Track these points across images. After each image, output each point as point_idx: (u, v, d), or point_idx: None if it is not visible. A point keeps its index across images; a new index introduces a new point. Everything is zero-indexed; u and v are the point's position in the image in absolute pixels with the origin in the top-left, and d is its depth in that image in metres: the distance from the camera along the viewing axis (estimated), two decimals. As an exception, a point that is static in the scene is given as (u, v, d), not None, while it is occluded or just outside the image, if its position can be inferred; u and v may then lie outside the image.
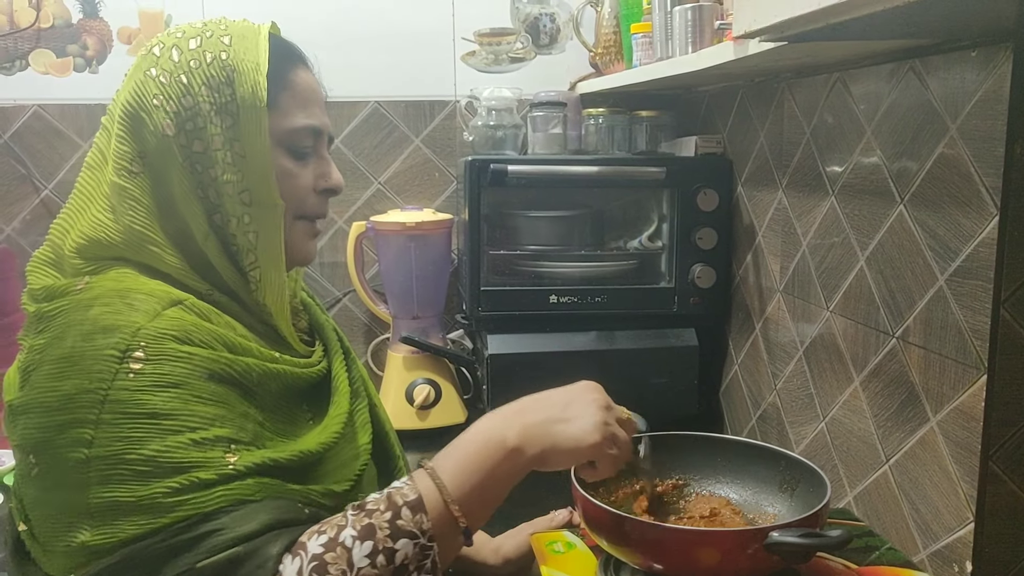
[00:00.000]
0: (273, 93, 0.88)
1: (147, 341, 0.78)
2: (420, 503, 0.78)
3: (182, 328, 0.81)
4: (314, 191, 0.94)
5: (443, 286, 1.86)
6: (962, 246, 0.98)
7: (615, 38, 1.75)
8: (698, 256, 1.62)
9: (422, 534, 0.77)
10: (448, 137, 1.95)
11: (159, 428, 0.76)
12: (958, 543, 1.00)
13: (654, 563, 0.90)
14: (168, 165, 0.86)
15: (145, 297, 0.82)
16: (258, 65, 0.87)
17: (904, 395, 1.10)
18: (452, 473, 0.81)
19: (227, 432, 0.79)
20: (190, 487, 0.75)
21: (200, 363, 0.80)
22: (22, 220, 1.86)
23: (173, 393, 0.77)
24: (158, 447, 0.75)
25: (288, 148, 0.91)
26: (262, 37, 0.90)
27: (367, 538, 0.75)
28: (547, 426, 0.84)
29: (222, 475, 0.76)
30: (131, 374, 0.76)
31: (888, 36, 0.97)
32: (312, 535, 0.75)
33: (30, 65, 1.84)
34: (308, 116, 0.92)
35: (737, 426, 1.65)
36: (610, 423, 0.87)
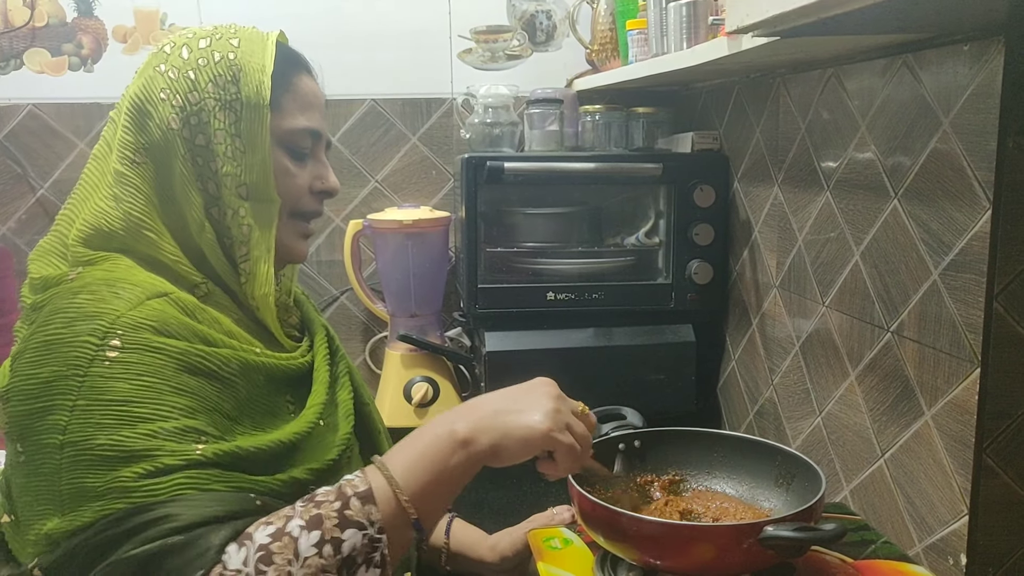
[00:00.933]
0: (276, 94, 0.93)
1: (125, 329, 0.80)
2: (370, 494, 0.78)
3: (161, 319, 0.82)
4: (310, 191, 0.98)
5: (440, 284, 1.86)
6: (955, 240, 0.98)
7: (611, 35, 1.75)
8: (695, 252, 1.62)
9: (371, 525, 0.76)
10: (445, 135, 1.95)
11: (130, 415, 0.77)
12: (952, 536, 1.01)
13: (650, 558, 0.90)
14: (171, 157, 0.90)
15: (131, 287, 0.84)
16: (264, 66, 0.92)
17: (899, 389, 1.10)
18: (403, 466, 0.81)
19: (197, 424, 0.80)
20: (150, 473, 0.76)
21: (176, 354, 0.81)
22: (18, 220, 1.86)
23: (146, 382, 0.79)
24: (126, 433, 0.76)
25: (287, 148, 0.95)
26: (270, 42, 0.95)
27: (314, 528, 0.75)
28: (497, 417, 0.84)
29: (187, 461, 0.77)
30: (107, 361, 0.78)
31: (880, 31, 0.97)
32: (259, 526, 0.76)
33: (25, 64, 1.83)
34: (308, 119, 0.96)
35: (735, 422, 1.65)
36: (562, 411, 0.86)
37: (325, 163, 1.00)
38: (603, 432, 1.10)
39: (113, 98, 0.95)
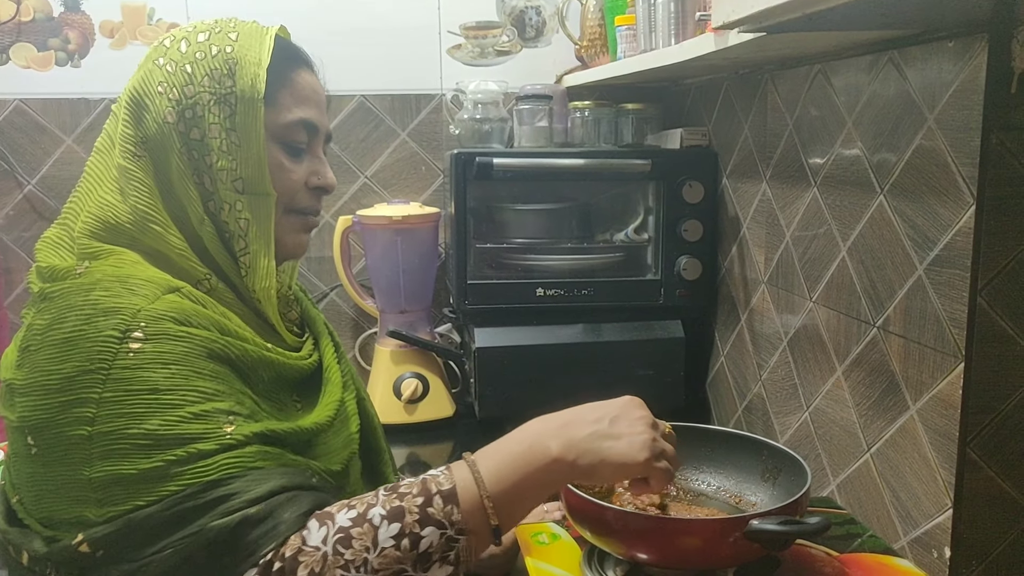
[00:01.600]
0: (273, 89, 0.92)
1: (147, 322, 0.80)
2: (453, 494, 0.78)
3: (181, 310, 0.83)
4: (306, 187, 0.97)
5: (430, 280, 1.86)
6: (940, 235, 0.99)
7: (600, 31, 1.75)
8: (684, 248, 1.63)
9: (450, 525, 0.77)
10: (434, 131, 1.95)
11: (159, 403, 0.78)
12: (937, 529, 1.01)
13: (636, 553, 0.91)
14: (168, 151, 0.90)
15: (144, 283, 0.85)
16: (260, 60, 0.91)
17: (885, 384, 1.11)
18: (492, 470, 0.81)
19: (226, 405, 0.81)
20: (190, 457, 0.77)
21: (199, 342, 0.82)
22: (5, 216, 1.85)
23: (173, 370, 0.79)
24: (159, 421, 0.77)
25: (283, 142, 0.94)
26: (268, 36, 0.94)
27: (395, 520, 0.76)
28: (594, 441, 0.83)
29: (222, 444, 0.78)
30: (131, 353, 0.78)
31: (865, 27, 0.97)
32: (342, 508, 0.77)
33: (11, 59, 1.83)
34: (304, 112, 0.95)
35: (723, 417, 1.66)
36: (658, 439, 0.86)
37: (322, 159, 0.99)
38: None
39: (100, 93, 0.95)
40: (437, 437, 1.72)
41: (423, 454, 1.64)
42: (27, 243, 1.85)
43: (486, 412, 1.61)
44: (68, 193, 0.95)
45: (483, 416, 1.62)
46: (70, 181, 1.82)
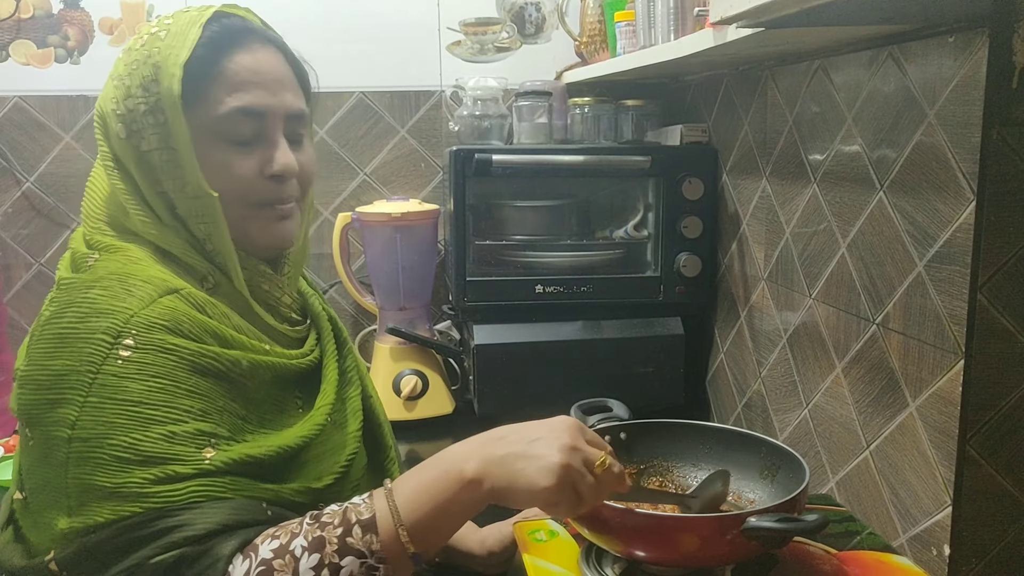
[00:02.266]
0: (199, 84, 0.88)
1: (138, 329, 0.80)
2: (372, 523, 0.79)
3: (174, 318, 0.83)
4: (261, 176, 0.92)
5: (430, 277, 1.86)
6: (940, 232, 0.98)
7: (600, 27, 1.75)
8: (683, 245, 1.62)
9: (370, 554, 0.78)
10: (434, 127, 1.95)
11: (141, 417, 0.78)
12: (936, 527, 1.01)
13: (634, 550, 0.91)
14: (130, 165, 0.90)
15: (142, 283, 0.85)
16: (178, 57, 0.87)
17: (884, 381, 1.10)
18: (408, 497, 0.80)
19: (208, 427, 0.81)
20: (164, 479, 0.77)
21: (187, 356, 0.82)
22: (3, 213, 1.84)
23: (158, 384, 0.79)
24: (138, 436, 0.77)
25: (222, 137, 0.90)
26: (196, 26, 0.89)
27: (316, 551, 0.76)
28: (507, 462, 0.81)
29: (198, 470, 0.78)
30: (119, 360, 0.79)
31: (864, 21, 0.97)
32: (266, 539, 0.77)
33: (10, 56, 1.82)
34: (240, 99, 0.89)
35: (723, 414, 1.65)
36: (573, 467, 0.81)
37: (276, 143, 0.92)
38: (589, 424, 1.11)
39: (99, 90, 0.94)
40: (436, 434, 1.72)
41: (423, 451, 1.64)
42: (25, 240, 1.85)
43: (485, 409, 1.61)
44: (66, 190, 0.96)
45: (482, 413, 1.62)
46: (68, 178, 1.83)
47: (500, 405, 1.61)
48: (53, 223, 1.86)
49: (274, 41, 0.95)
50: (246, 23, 0.93)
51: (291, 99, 0.94)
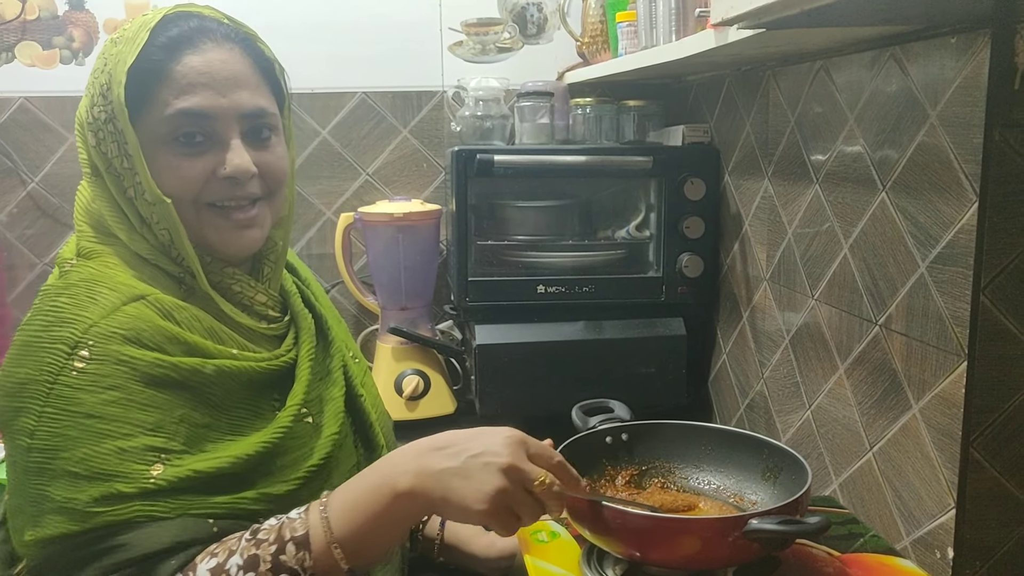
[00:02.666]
0: (147, 88, 0.88)
1: (95, 339, 0.81)
2: (306, 540, 0.79)
3: (134, 327, 0.83)
4: (216, 178, 0.91)
5: (431, 277, 1.86)
6: (942, 233, 0.98)
7: (601, 27, 1.75)
8: (685, 245, 1.62)
9: (303, 571, 0.78)
10: (436, 128, 1.95)
11: (92, 431, 0.79)
12: (940, 529, 1.01)
13: (635, 551, 0.90)
14: (101, 172, 0.92)
15: (108, 291, 0.85)
16: (124, 65, 0.87)
17: (887, 382, 1.10)
18: (340, 511, 0.80)
19: (159, 441, 0.81)
20: (109, 498, 0.78)
21: (142, 367, 0.82)
22: (8, 213, 1.85)
23: (111, 396, 0.80)
24: (88, 451, 0.78)
25: (170, 140, 0.89)
26: (144, 30, 0.89)
27: (250, 569, 0.77)
28: (444, 479, 0.79)
29: (141, 489, 0.79)
30: (74, 372, 0.80)
31: (866, 22, 0.97)
32: (206, 556, 0.78)
33: (16, 57, 1.83)
34: (184, 101, 0.88)
35: (725, 415, 1.65)
36: (510, 490, 0.78)
37: (229, 144, 0.91)
38: (591, 425, 1.10)
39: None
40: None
41: (424, 452, 1.63)
42: (30, 240, 1.86)
43: (487, 409, 1.61)
44: (71, 191, 0.97)
45: (484, 413, 1.61)
46: (73, 179, 1.83)
47: (502, 405, 1.61)
48: (58, 223, 1.86)
49: (234, 38, 0.93)
50: (202, 23, 0.92)
51: (246, 97, 0.92)
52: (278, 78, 0.98)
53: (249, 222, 0.94)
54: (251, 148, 0.93)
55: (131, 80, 0.87)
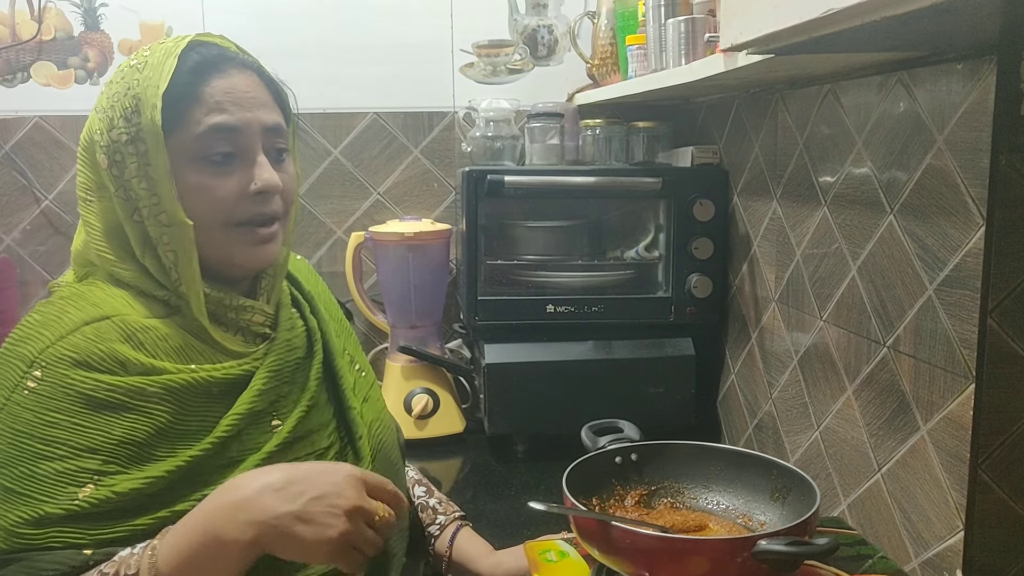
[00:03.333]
0: (181, 110, 0.91)
1: (48, 361, 0.85)
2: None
3: (85, 350, 0.86)
4: (245, 196, 0.94)
5: (441, 296, 1.87)
6: (950, 256, 0.99)
7: (611, 50, 1.76)
8: (694, 266, 1.63)
9: None
10: (447, 148, 1.96)
11: (31, 450, 0.83)
12: (948, 551, 1.01)
13: (644, 572, 0.90)
14: (109, 194, 0.93)
15: (75, 311, 0.89)
16: (158, 88, 0.90)
17: (895, 404, 1.11)
18: (169, 554, 0.80)
19: (94, 464, 0.84)
20: (34, 521, 0.81)
21: (86, 390, 0.85)
22: (22, 230, 1.87)
23: (54, 419, 0.84)
24: (26, 470, 0.82)
25: (201, 159, 0.92)
26: (172, 56, 0.92)
27: None
28: (284, 524, 0.80)
29: (66, 512, 0.82)
30: (25, 391, 0.84)
31: (873, 49, 0.98)
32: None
33: (32, 77, 1.85)
34: (214, 117, 0.91)
35: (734, 435, 1.65)
36: (353, 532, 0.81)
37: (257, 160, 0.94)
38: (600, 445, 1.11)
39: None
40: (447, 453, 1.73)
41: (433, 470, 1.64)
42: (43, 257, 1.88)
43: (496, 428, 1.61)
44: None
45: (493, 432, 1.62)
46: (86, 197, 1.85)
47: (511, 424, 1.61)
48: (70, 241, 1.85)
49: (250, 65, 0.97)
50: (221, 50, 0.95)
51: (267, 114, 0.95)
52: (287, 103, 1.02)
53: (270, 237, 0.97)
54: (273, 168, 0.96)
55: (165, 105, 0.90)
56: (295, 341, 1.02)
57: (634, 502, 1.08)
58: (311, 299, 1.12)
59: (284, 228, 1.00)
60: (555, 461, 1.10)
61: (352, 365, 1.12)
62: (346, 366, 1.09)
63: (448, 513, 1.21)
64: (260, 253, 0.97)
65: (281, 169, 0.97)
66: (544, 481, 1.53)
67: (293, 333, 1.03)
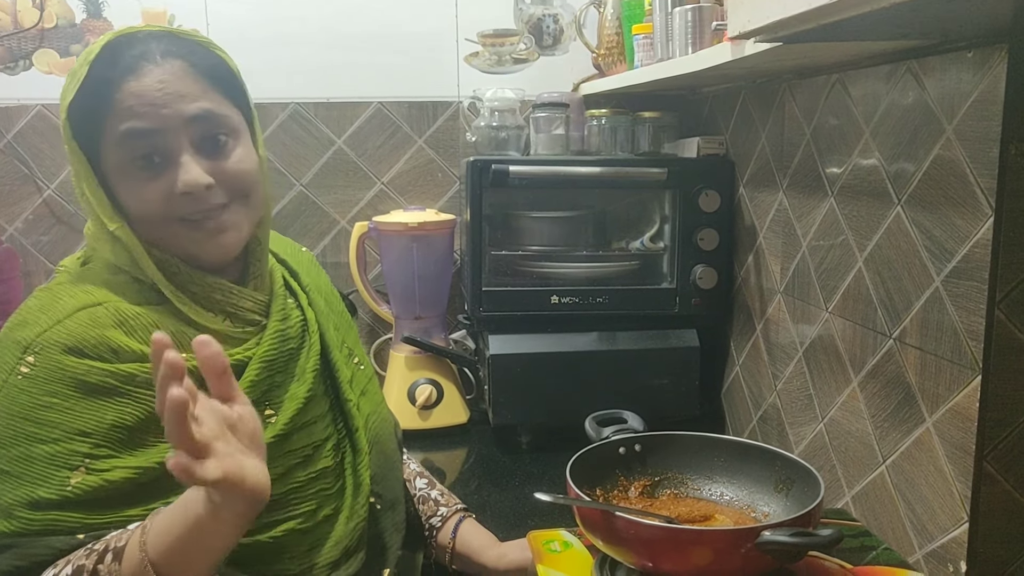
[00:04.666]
0: (99, 120, 0.91)
1: (41, 346, 0.86)
2: (122, 551, 0.80)
3: (78, 336, 0.87)
4: (175, 195, 0.92)
5: (445, 286, 1.86)
6: (958, 247, 0.98)
7: (617, 39, 1.75)
8: (700, 257, 1.62)
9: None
10: (451, 138, 1.96)
11: (26, 433, 0.84)
12: (953, 543, 1.00)
13: (648, 562, 0.91)
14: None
15: (69, 297, 0.90)
16: (65, 102, 0.91)
17: (901, 396, 1.10)
18: (160, 524, 0.80)
19: (86, 447, 0.85)
20: (29, 503, 0.83)
21: (78, 374, 0.86)
22: (25, 220, 1.87)
23: (46, 402, 0.85)
24: (21, 451, 0.84)
25: (127, 166, 0.91)
26: (85, 65, 0.90)
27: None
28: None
29: (60, 497, 0.83)
30: (19, 376, 0.85)
31: (882, 37, 0.97)
32: (50, 569, 0.81)
33: (34, 65, 1.85)
34: (127, 123, 0.90)
35: (738, 427, 1.65)
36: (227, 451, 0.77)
37: (179, 161, 0.91)
38: (604, 436, 1.11)
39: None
40: (451, 443, 1.73)
41: (437, 460, 1.64)
42: (45, 247, 1.87)
43: (500, 419, 1.61)
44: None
45: (497, 423, 1.62)
46: (90, 185, 1.85)
47: (515, 415, 1.61)
48: (73, 230, 1.87)
49: (176, 53, 0.92)
50: (143, 48, 0.91)
51: (188, 104, 0.91)
52: (231, 79, 0.97)
53: (221, 227, 0.95)
54: (207, 158, 0.93)
55: (83, 115, 0.91)
56: (289, 332, 1.02)
57: (638, 493, 1.08)
58: (308, 290, 1.11)
59: (247, 213, 0.97)
60: (559, 452, 1.10)
61: (350, 358, 1.12)
62: (343, 359, 1.09)
63: (450, 505, 1.21)
64: (213, 245, 0.95)
65: (222, 158, 0.94)
66: (548, 472, 1.53)
67: (287, 324, 1.03)
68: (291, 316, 1.04)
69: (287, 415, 0.98)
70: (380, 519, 1.07)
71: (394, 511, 1.08)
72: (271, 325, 1.01)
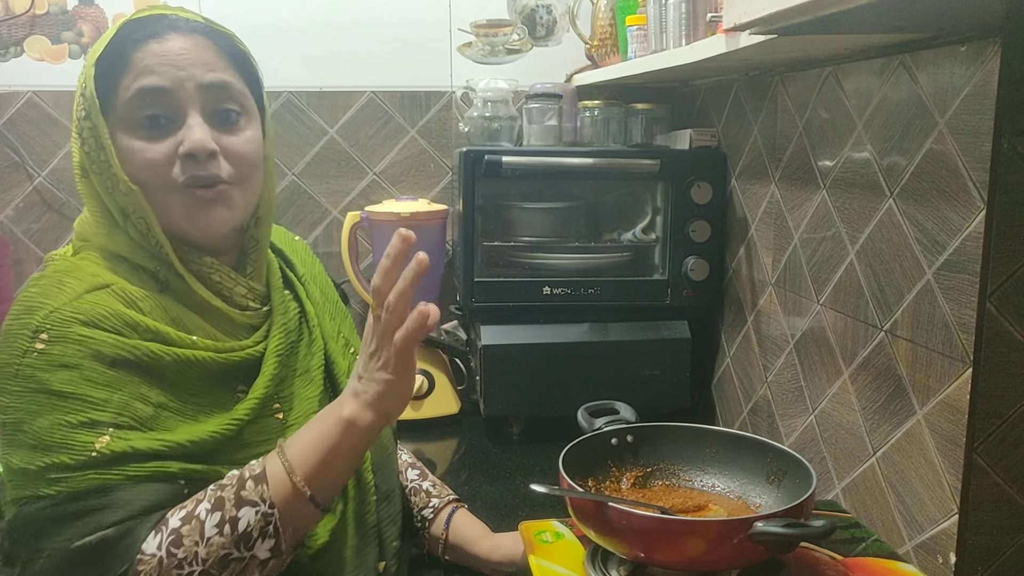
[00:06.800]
0: (112, 78, 0.91)
1: (54, 324, 0.86)
2: (263, 475, 0.85)
3: (93, 312, 0.87)
4: (179, 158, 0.92)
5: (437, 277, 1.86)
6: (949, 240, 0.98)
7: (611, 30, 1.75)
8: (691, 249, 1.62)
9: (263, 502, 0.84)
10: (444, 128, 1.95)
11: (49, 405, 0.84)
12: (942, 535, 1.01)
13: (640, 553, 0.91)
14: (88, 170, 0.94)
15: (75, 281, 0.90)
16: (94, 55, 0.91)
17: (891, 388, 1.11)
18: (299, 447, 0.87)
19: (108, 416, 0.85)
20: (55, 467, 0.83)
21: (99, 346, 0.86)
22: (15, 207, 1.85)
23: (66, 374, 0.85)
24: (44, 423, 0.84)
25: (134, 124, 0.91)
26: (114, 27, 0.93)
27: (217, 509, 0.83)
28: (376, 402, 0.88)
29: (84, 460, 0.83)
30: (35, 353, 0.85)
31: (877, 30, 0.97)
32: (176, 510, 0.83)
33: (25, 52, 1.83)
34: (141, 80, 0.90)
35: (729, 418, 1.65)
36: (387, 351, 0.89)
37: (187, 122, 0.91)
38: (596, 427, 1.11)
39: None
40: (442, 434, 1.73)
41: (428, 451, 1.64)
42: (36, 235, 1.86)
43: (491, 410, 1.61)
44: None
45: (488, 414, 1.62)
46: (80, 174, 1.84)
47: (506, 406, 1.61)
48: (64, 218, 1.86)
49: (202, 32, 0.94)
50: (172, 21, 0.94)
51: (205, 72, 0.92)
52: (252, 69, 0.99)
53: (213, 198, 0.93)
54: (217, 130, 0.93)
55: (99, 73, 0.90)
56: (290, 324, 1.04)
57: (630, 483, 1.08)
58: (305, 281, 1.11)
59: (242, 196, 0.96)
60: (551, 443, 1.10)
61: (347, 349, 1.13)
62: (339, 350, 1.10)
63: (442, 496, 1.21)
64: (206, 217, 0.94)
65: (232, 133, 0.94)
66: (540, 463, 1.53)
67: (288, 316, 1.04)
68: (290, 309, 1.05)
69: (297, 415, 0.99)
70: (377, 511, 1.07)
71: (390, 502, 1.08)
72: (276, 319, 1.02)
